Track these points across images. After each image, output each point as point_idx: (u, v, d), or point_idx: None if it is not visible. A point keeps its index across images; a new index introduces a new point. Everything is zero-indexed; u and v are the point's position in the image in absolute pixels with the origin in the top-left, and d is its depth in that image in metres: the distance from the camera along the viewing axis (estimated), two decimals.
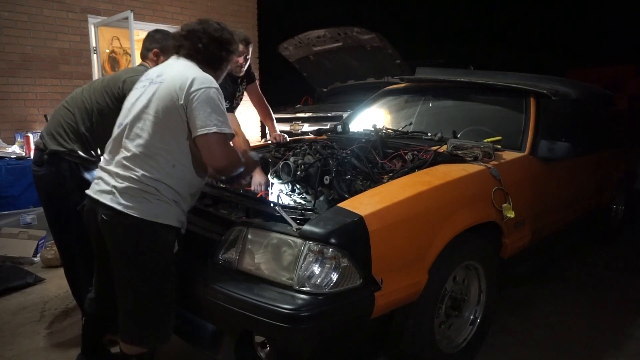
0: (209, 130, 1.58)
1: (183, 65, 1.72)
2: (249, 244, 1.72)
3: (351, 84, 6.42)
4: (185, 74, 1.65)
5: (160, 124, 1.62)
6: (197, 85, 1.61)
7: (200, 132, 1.59)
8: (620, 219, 4.10)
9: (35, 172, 2.31)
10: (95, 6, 5.30)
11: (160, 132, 1.63)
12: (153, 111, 1.64)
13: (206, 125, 1.58)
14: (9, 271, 3.28)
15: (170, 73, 1.69)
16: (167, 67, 1.75)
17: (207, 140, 1.60)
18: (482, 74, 3.26)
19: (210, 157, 1.62)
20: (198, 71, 1.69)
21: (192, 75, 1.64)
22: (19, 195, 4.04)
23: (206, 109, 1.59)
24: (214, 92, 1.63)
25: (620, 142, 3.93)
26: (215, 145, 1.61)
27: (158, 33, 2.42)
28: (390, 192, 1.85)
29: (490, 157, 2.28)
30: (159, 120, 1.62)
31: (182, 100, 1.60)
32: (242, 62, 2.94)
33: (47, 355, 2.35)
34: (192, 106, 1.59)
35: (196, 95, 1.60)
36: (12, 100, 4.78)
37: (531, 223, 2.47)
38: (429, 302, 1.87)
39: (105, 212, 1.62)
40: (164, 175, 1.63)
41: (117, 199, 1.60)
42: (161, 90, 1.65)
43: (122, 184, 1.61)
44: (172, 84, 1.63)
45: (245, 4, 6.83)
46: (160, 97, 1.63)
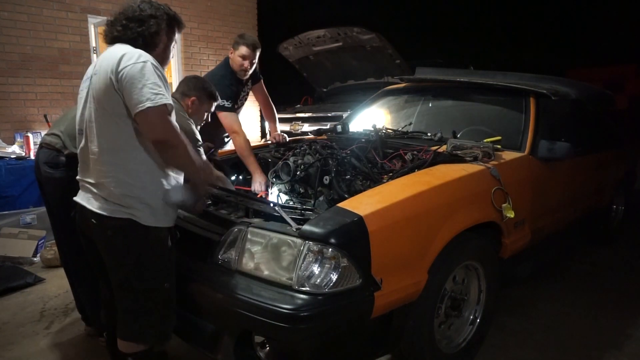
0: (143, 106, 1.47)
1: (110, 49, 1.62)
2: (248, 244, 1.72)
3: (351, 84, 6.42)
4: (114, 56, 1.54)
5: (108, 117, 1.55)
6: (125, 62, 1.50)
7: (136, 110, 1.48)
8: (620, 219, 4.10)
9: (48, 174, 2.23)
10: (95, 6, 5.30)
11: (113, 125, 1.56)
12: (98, 105, 1.57)
13: (140, 101, 1.47)
14: (9, 271, 3.28)
15: (100, 62, 1.59)
16: (99, 58, 1.65)
17: (144, 116, 1.48)
18: (482, 74, 3.26)
19: (150, 132, 1.51)
20: (124, 48, 1.58)
21: (119, 54, 1.53)
22: (19, 195, 4.04)
23: (137, 85, 1.48)
24: (145, 66, 1.51)
25: (620, 142, 3.93)
26: (152, 119, 1.49)
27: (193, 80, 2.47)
28: (390, 192, 1.85)
29: (490, 157, 2.28)
30: (105, 111, 1.55)
31: (117, 83, 1.50)
32: (247, 66, 2.94)
33: (47, 355, 2.35)
34: (122, 85, 1.49)
35: (124, 74, 1.49)
36: (12, 100, 4.78)
37: (531, 223, 2.47)
38: (428, 302, 1.87)
39: (94, 216, 1.61)
40: (134, 164, 1.58)
41: (102, 204, 1.59)
42: (97, 82, 1.56)
43: (103, 190, 1.59)
44: (104, 70, 1.54)
45: (245, 4, 6.83)
46: (98, 88, 1.55)
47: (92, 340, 2.44)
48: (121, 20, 1.65)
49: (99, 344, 2.37)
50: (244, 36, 2.97)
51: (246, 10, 6.85)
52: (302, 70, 6.56)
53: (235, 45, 2.96)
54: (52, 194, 2.29)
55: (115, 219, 1.57)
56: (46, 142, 2.27)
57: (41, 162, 2.26)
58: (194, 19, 6.26)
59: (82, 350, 2.39)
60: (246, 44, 2.90)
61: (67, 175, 2.17)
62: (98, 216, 1.59)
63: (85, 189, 1.68)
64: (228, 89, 2.90)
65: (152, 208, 1.61)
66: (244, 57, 2.92)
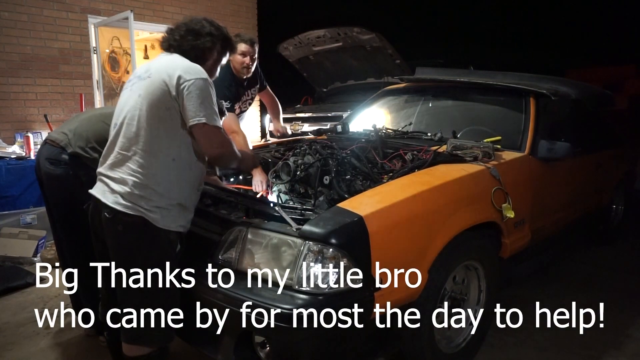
0: (199, 120, 1.60)
1: (169, 58, 1.74)
2: (248, 244, 1.72)
3: (351, 84, 6.41)
4: (173, 66, 1.66)
5: (155, 118, 1.62)
6: (187, 75, 1.62)
7: (192, 122, 1.61)
8: (620, 219, 4.10)
9: (49, 170, 2.20)
10: (95, 6, 5.30)
11: (155, 127, 1.62)
12: (145, 106, 1.63)
13: (196, 115, 1.60)
14: (9, 271, 3.28)
15: (157, 67, 1.69)
16: (154, 63, 1.75)
17: (199, 129, 1.62)
18: (482, 74, 3.26)
19: (206, 145, 1.65)
20: (185, 62, 1.69)
21: (180, 66, 1.65)
22: (19, 195, 4.04)
23: (197, 100, 1.60)
24: (204, 83, 1.64)
25: (620, 142, 3.93)
26: (209, 134, 1.63)
27: None
28: (390, 192, 1.85)
29: (490, 157, 2.28)
30: (153, 114, 1.62)
31: (174, 92, 1.61)
32: (248, 62, 2.96)
33: (47, 355, 2.35)
34: (183, 96, 1.61)
35: (186, 86, 1.60)
36: (12, 100, 4.77)
37: (531, 223, 2.47)
38: (429, 302, 1.87)
39: (108, 210, 1.62)
40: (164, 171, 1.64)
41: (118, 199, 1.61)
42: (150, 85, 1.64)
43: (123, 185, 1.61)
44: (161, 76, 1.63)
45: (245, 4, 6.83)
46: (151, 92, 1.63)
47: (92, 340, 2.44)
48: (182, 30, 1.78)
49: (99, 344, 2.38)
50: (240, 34, 2.99)
51: (246, 10, 6.85)
52: (302, 70, 6.55)
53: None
54: (50, 191, 2.27)
55: (128, 215, 1.59)
56: (51, 138, 2.25)
57: (42, 157, 2.23)
58: None
59: (83, 350, 2.39)
60: (244, 40, 2.93)
61: (66, 173, 2.16)
62: (111, 210, 1.61)
63: (102, 182, 1.70)
64: (227, 90, 2.92)
65: (165, 211, 1.64)
66: (244, 54, 2.93)
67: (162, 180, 1.63)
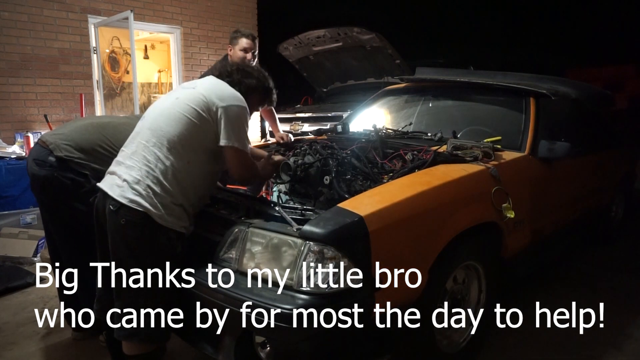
0: (233, 144, 1.76)
1: (217, 80, 1.91)
2: (249, 244, 1.72)
3: (351, 84, 6.41)
4: (220, 87, 1.84)
5: (183, 120, 1.73)
6: (230, 100, 1.79)
7: (224, 142, 1.76)
8: (620, 219, 4.10)
9: (34, 170, 2.17)
10: (95, 6, 5.30)
11: (181, 126, 1.72)
12: (179, 107, 1.75)
13: (229, 138, 1.75)
14: (9, 271, 3.28)
15: (203, 84, 1.86)
16: (201, 79, 1.95)
17: (230, 151, 1.78)
18: (482, 74, 3.25)
19: (234, 166, 1.83)
20: (231, 88, 1.87)
21: (225, 89, 1.84)
22: (19, 195, 4.04)
23: (234, 124, 1.76)
24: (244, 111, 1.81)
25: (620, 142, 3.93)
26: (239, 157, 1.81)
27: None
28: (390, 192, 1.85)
29: (490, 157, 2.28)
30: (183, 116, 1.73)
31: (213, 108, 1.75)
32: (250, 58, 2.95)
33: (47, 355, 2.35)
34: (221, 116, 1.75)
35: (226, 108, 1.75)
36: (12, 100, 4.78)
37: (531, 223, 2.47)
38: (429, 302, 1.87)
39: (113, 202, 1.65)
40: (176, 169, 1.69)
41: (125, 192, 1.64)
42: (192, 94, 1.79)
43: (134, 179, 1.65)
44: (205, 92, 1.78)
45: (245, 4, 6.83)
46: (190, 99, 1.77)
47: (92, 340, 2.44)
48: (234, 66, 2.02)
49: (99, 344, 2.38)
50: (240, 30, 2.99)
51: (246, 10, 6.85)
52: (302, 70, 6.55)
53: (233, 40, 2.96)
54: (34, 191, 2.28)
55: (132, 210, 1.62)
56: (42, 140, 2.25)
57: (31, 158, 2.23)
58: (194, 19, 6.26)
59: (83, 350, 2.39)
60: (245, 35, 2.92)
61: (51, 175, 2.13)
62: (116, 203, 1.64)
63: (112, 175, 1.73)
64: None
65: (168, 210, 1.67)
66: (245, 50, 2.92)
67: (172, 177, 1.68)
